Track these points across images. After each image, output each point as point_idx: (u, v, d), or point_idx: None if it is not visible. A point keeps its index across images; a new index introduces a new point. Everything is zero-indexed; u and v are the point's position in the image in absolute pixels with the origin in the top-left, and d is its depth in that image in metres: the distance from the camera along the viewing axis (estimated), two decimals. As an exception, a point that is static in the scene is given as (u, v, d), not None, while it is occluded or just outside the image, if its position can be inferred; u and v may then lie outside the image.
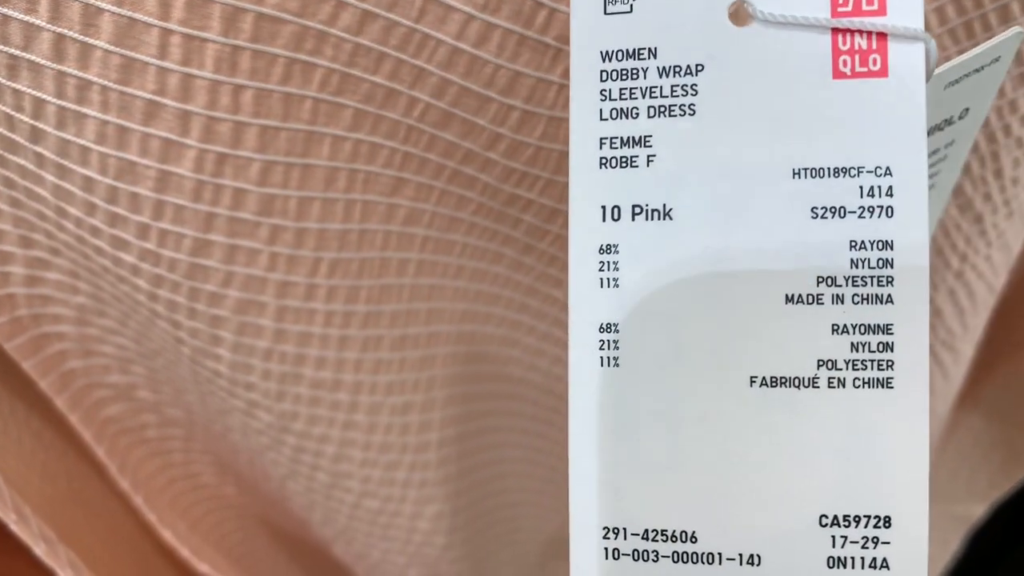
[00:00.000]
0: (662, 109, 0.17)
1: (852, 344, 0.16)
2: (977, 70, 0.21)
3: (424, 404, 0.28)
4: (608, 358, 0.17)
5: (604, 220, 0.17)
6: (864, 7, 0.16)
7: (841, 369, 0.16)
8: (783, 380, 0.17)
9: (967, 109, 0.22)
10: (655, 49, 0.17)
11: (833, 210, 0.16)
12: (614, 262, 0.17)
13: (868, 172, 0.16)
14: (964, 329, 0.34)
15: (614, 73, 0.17)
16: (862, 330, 0.16)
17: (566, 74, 0.23)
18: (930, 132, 0.21)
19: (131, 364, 0.28)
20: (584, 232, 0.17)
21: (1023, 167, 0.28)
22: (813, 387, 0.16)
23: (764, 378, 0.17)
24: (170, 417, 0.31)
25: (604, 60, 0.17)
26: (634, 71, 0.17)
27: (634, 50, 0.17)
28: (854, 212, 0.16)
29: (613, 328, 0.17)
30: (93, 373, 0.28)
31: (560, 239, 0.27)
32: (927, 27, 0.24)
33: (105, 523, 0.32)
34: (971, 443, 0.46)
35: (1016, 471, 0.46)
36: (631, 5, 0.17)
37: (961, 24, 0.24)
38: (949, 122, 0.22)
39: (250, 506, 0.35)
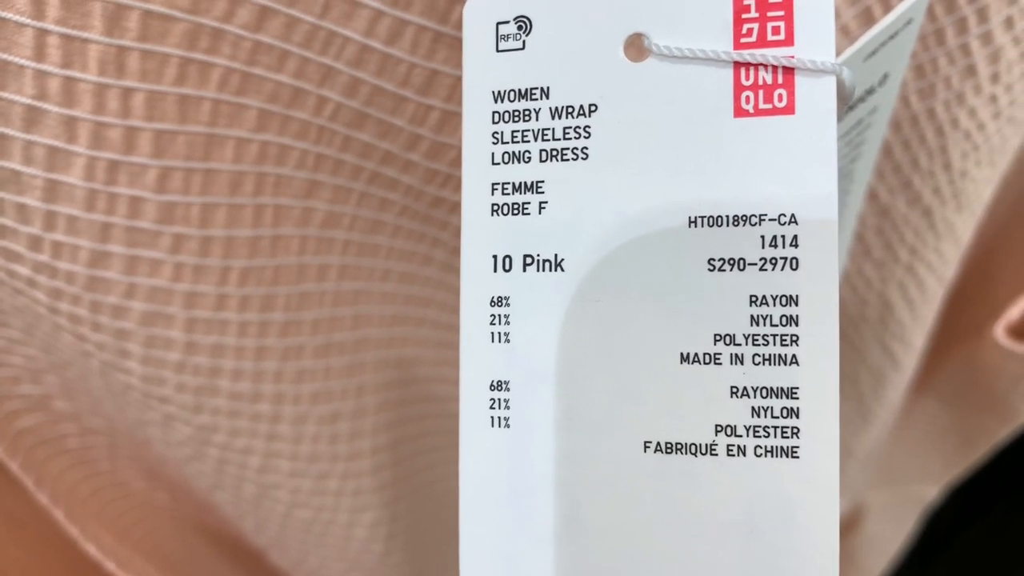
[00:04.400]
0: (554, 153, 0.16)
1: (753, 409, 0.15)
2: (892, 36, 0.19)
3: (354, 412, 0.27)
4: (499, 418, 0.16)
5: (495, 270, 0.16)
6: (770, 37, 0.15)
7: (741, 436, 0.15)
8: (679, 446, 0.15)
9: (886, 75, 0.21)
10: (547, 89, 0.16)
11: (732, 261, 0.15)
12: (505, 315, 0.16)
13: (771, 220, 0.15)
14: (915, 320, 0.34)
15: (506, 114, 0.16)
16: (764, 393, 0.15)
17: (487, 71, 0.21)
18: (852, 105, 0.20)
19: (43, 374, 0.27)
20: (475, 283, 0.16)
21: (971, 160, 0.27)
22: (711, 454, 0.15)
23: (659, 443, 0.15)
24: (91, 426, 0.29)
25: (496, 100, 0.16)
26: (526, 112, 0.16)
27: (526, 90, 0.16)
28: (755, 264, 0.15)
29: (504, 386, 0.16)
30: (2, 385, 0.27)
31: (490, 241, 0.26)
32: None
33: (32, 533, 0.31)
34: (925, 427, 0.45)
35: (969, 454, 0.46)
36: (524, 42, 0.16)
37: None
38: (871, 91, 0.21)
39: (184, 511, 0.34)
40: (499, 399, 0.16)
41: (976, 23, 0.24)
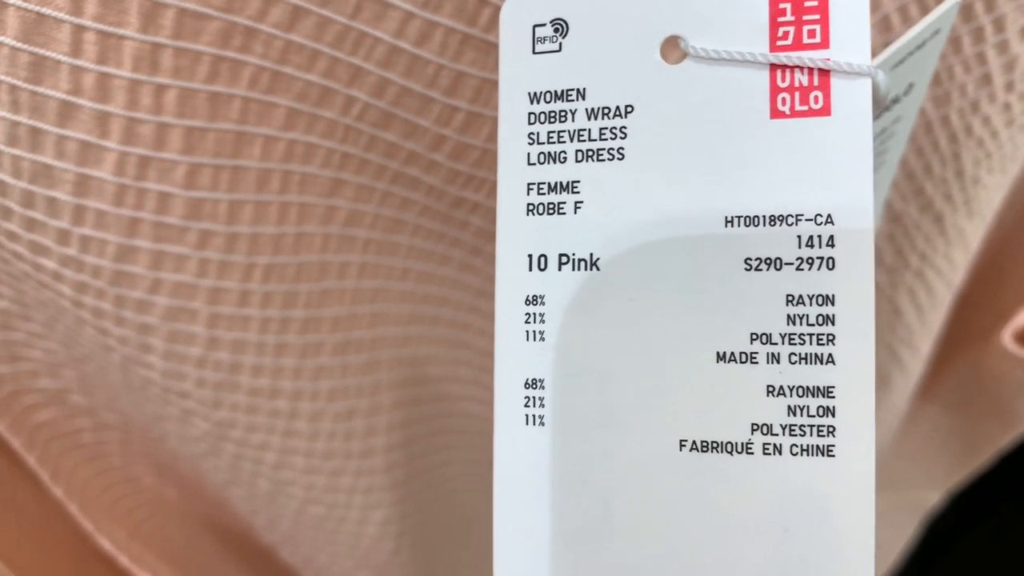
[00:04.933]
0: (590, 153, 0.16)
1: (789, 408, 0.15)
2: (920, 46, 0.20)
3: (369, 409, 0.27)
4: (534, 416, 0.16)
5: (531, 269, 0.16)
6: (805, 40, 0.15)
7: (777, 435, 0.15)
8: (715, 445, 0.15)
9: (911, 84, 0.21)
10: (584, 90, 0.16)
11: (768, 261, 0.15)
12: (540, 314, 0.16)
13: (807, 220, 0.15)
14: (923, 326, 0.34)
15: (542, 115, 0.16)
16: (800, 392, 0.15)
17: (513, 73, 0.22)
18: (877, 115, 0.20)
19: (61, 368, 0.27)
20: (510, 282, 0.16)
21: (983, 167, 0.28)
22: (747, 453, 0.15)
23: (695, 442, 0.15)
24: (105, 421, 0.30)
25: (532, 102, 0.16)
26: (562, 113, 0.16)
27: (562, 91, 0.16)
28: (791, 264, 0.15)
29: (539, 384, 0.16)
30: (21, 378, 0.27)
31: (509, 241, 0.26)
32: (879, 5, 0.23)
33: (41, 528, 0.31)
34: (929, 433, 0.46)
35: (972, 460, 0.46)
36: (560, 44, 0.16)
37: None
38: (896, 101, 0.21)
39: (193, 508, 0.34)
40: (534, 397, 0.16)
41: (993, 32, 0.24)
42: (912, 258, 0.30)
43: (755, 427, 0.15)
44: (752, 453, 0.15)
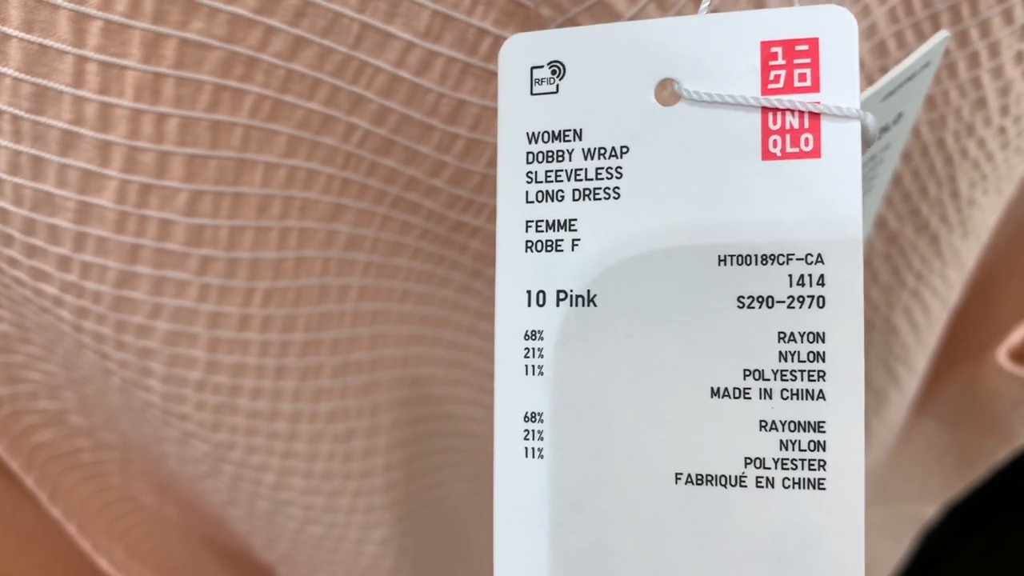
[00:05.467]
0: (587, 192, 0.16)
1: (781, 442, 0.15)
2: (910, 78, 0.20)
3: (368, 430, 0.27)
4: (533, 449, 0.17)
5: (529, 305, 0.17)
6: (796, 84, 0.15)
7: (770, 468, 0.15)
8: (709, 478, 0.16)
9: (901, 114, 0.21)
10: (580, 131, 0.16)
11: (761, 299, 0.15)
12: (539, 349, 0.17)
13: (798, 259, 0.15)
14: (919, 344, 0.34)
15: (540, 155, 0.17)
16: (792, 427, 0.15)
17: (513, 100, 0.22)
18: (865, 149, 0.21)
19: (60, 390, 0.27)
20: (510, 316, 0.17)
21: (979, 188, 0.28)
22: (741, 486, 0.15)
23: (690, 475, 0.16)
24: (105, 441, 0.30)
25: (530, 142, 0.17)
26: (560, 153, 0.16)
27: (560, 131, 0.16)
28: (783, 302, 0.15)
29: (538, 417, 0.17)
30: (20, 400, 0.27)
31: (508, 264, 0.26)
32: (875, 31, 0.23)
33: (40, 548, 0.31)
34: (925, 447, 0.46)
35: (968, 473, 0.46)
36: (557, 86, 0.16)
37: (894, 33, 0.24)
38: (885, 129, 0.22)
39: (193, 526, 0.34)
40: (533, 430, 0.17)
41: (988, 57, 0.24)
42: (908, 277, 0.31)
43: (748, 461, 0.15)
44: (745, 486, 0.15)
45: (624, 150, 0.16)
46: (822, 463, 0.15)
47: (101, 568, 0.31)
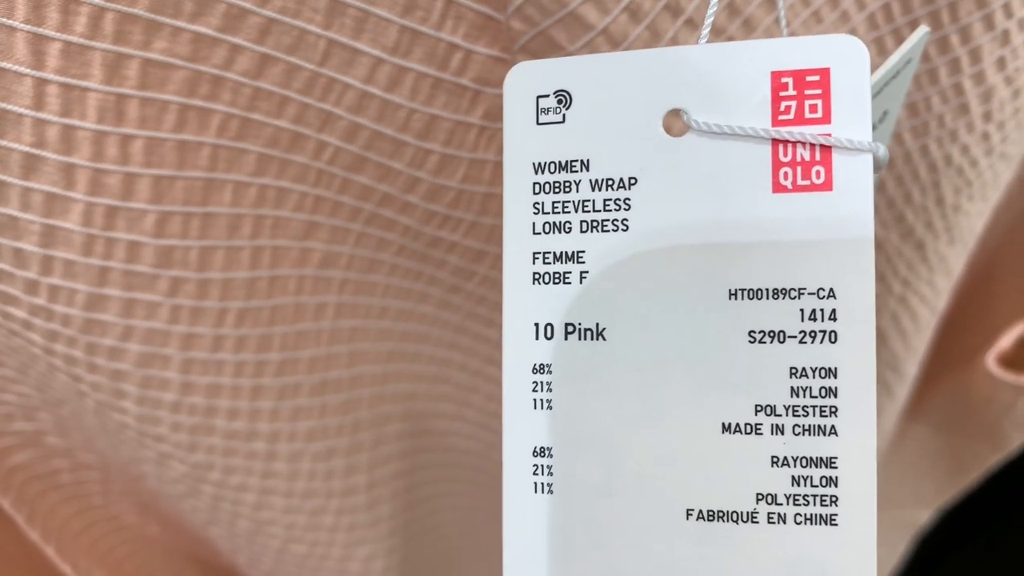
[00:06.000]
0: (595, 224, 0.16)
1: (793, 478, 0.15)
2: (894, 76, 0.20)
3: (350, 448, 0.27)
4: (542, 484, 0.16)
5: (537, 338, 0.16)
6: (807, 115, 0.15)
7: (781, 504, 0.15)
8: (721, 514, 0.15)
9: (886, 112, 0.21)
10: (587, 161, 0.16)
11: (772, 334, 0.15)
12: (547, 383, 0.16)
13: (810, 294, 0.15)
14: (908, 350, 0.34)
15: (547, 186, 0.16)
16: (804, 463, 0.15)
17: (487, 116, 0.21)
18: None
19: (36, 411, 0.27)
20: (517, 350, 0.16)
21: (964, 195, 0.28)
22: (752, 522, 0.15)
23: (701, 511, 0.16)
24: (84, 461, 0.29)
25: (537, 172, 0.16)
26: (567, 184, 0.16)
27: (567, 162, 0.16)
28: (794, 337, 0.15)
29: (547, 452, 0.16)
30: (-5, 422, 0.26)
31: (487, 280, 0.26)
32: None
33: (23, 569, 0.31)
34: (918, 453, 0.46)
35: (961, 478, 0.46)
36: (564, 115, 0.16)
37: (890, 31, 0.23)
38: (872, 128, 0.21)
39: (176, 544, 0.34)
40: (542, 465, 0.16)
41: (969, 63, 0.24)
42: (895, 284, 0.30)
43: (760, 497, 0.15)
44: (757, 522, 0.15)
45: (632, 181, 0.16)
46: (834, 499, 0.15)
47: (82, 590, 0.30)
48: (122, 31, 0.17)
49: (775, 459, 0.15)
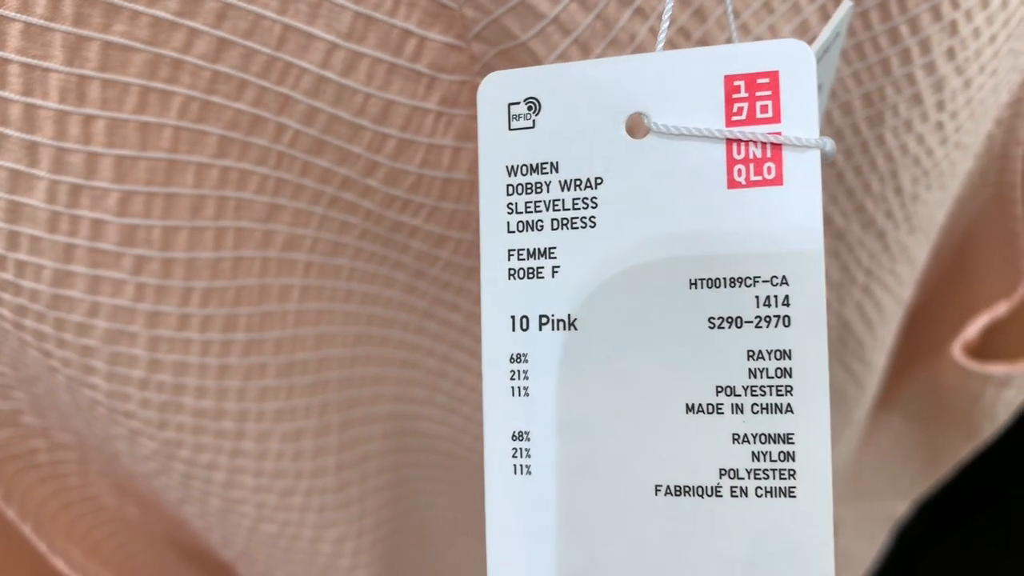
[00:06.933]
0: (564, 222, 0.17)
1: (753, 453, 0.16)
2: (826, 51, 0.21)
3: (318, 429, 0.28)
4: (520, 466, 0.18)
5: (514, 330, 0.18)
6: (758, 115, 0.16)
7: (743, 478, 0.16)
8: (687, 489, 0.17)
9: (820, 85, 0.22)
10: (557, 163, 0.17)
11: (730, 320, 0.16)
12: (524, 371, 0.17)
13: (764, 281, 0.16)
14: (874, 340, 0.34)
15: (519, 187, 0.17)
16: (763, 439, 0.16)
17: (443, 102, 0.22)
18: None
19: (11, 390, 0.27)
20: (495, 341, 0.18)
21: (922, 184, 0.28)
22: (716, 496, 0.16)
23: (669, 487, 0.17)
24: (61, 441, 0.30)
25: (510, 175, 0.17)
26: (538, 185, 0.17)
27: (537, 164, 0.17)
28: (751, 322, 0.16)
29: (525, 436, 0.17)
30: (-30, 401, 0.27)
31: (451, 265, 0.26)
32: (807, 28, 0.23)
33: (0, 547, 0.31)
34: (893, 444, 0.46)
35: (936, 470, 0.46)
36: (533, 121, 0.17)
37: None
38: None
39: (154, 526, 0.35)
40: (521, 448, 0.18)
41: (919, 54, 0.24)
42: (858, 274, 0.31)
43: (723, 472, 0.16)
44: (721, 496, 0.16)
45: (598, 181, 0.17)
46: (792, 472, 0.16)
47: (57, 569, 0.31)
48: (81, 13, 0.18)
49: (736, 436, 0.16)
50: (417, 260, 0.26)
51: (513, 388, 0.18)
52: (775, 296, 0.16)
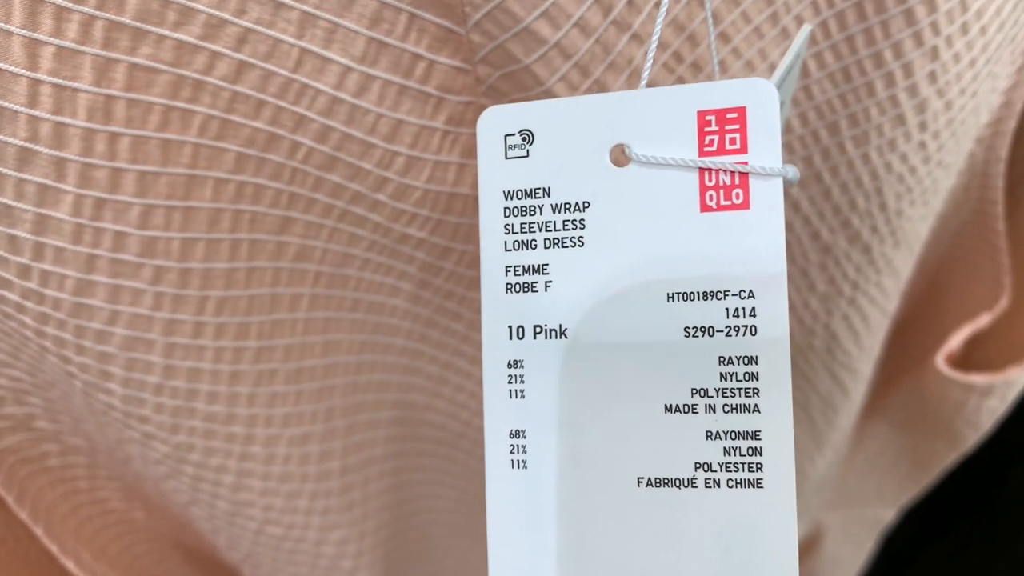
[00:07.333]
0: (556, 241, 0.19)
1: (724, 448, 0.18)
2: (789, 71, 0.23)
3: (324, 434, 0.29)
4: (517, 461, 0.19)
5: (511, 338, 0.19)
6: (728, 147, 0.18)
7: (716, 471, 0.18)
8: (666, 481, 0.18)
9: (783, 103, 0.24)
10: (549, 189, 0.19)
11: (703, 329, 0.18)
12: (520, 375, 0.19)
13: (733, 295, 0.18)
14: (860, 350, 0.35)
15: (516, 209, 0.19)
16: (733, 436, 0.18)
17: (449, 121, 0.23)
18: None
19: (27, 395, 0.28)
20: (495, 349, 0.20)
21: (905, 200, 0.29)
22: (692, 487, 0.18)
23: (649, 479, 0.19)
24: (72, 445, 0.31)
25: (507, 199, 0.19)
26: (532, 208, 0.19)
27: (531, 189, 0.19)
28: (722, 331, 0.18)
29: (521, 434, 0.19)
30: (-13, 405, 0.28)
31: (454, 276, 0.27)
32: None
33: (8, 549, 0.32)
34: (879, 451, 0.47)
35: (921, 477, 0.47)
36: (528, 151, 0.19)
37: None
38: None
39: (161, 529, 0.35)
40: (518, 445, 0.20)
41: (903, 77, 0.26)
42: (844, 286, 0.32)
43: (697, 465, 0.18)
44: (696, 487, 0.18)
45: (586, 205, 0.19)
46: (759, 465, 0.18)
47: (67, 570, 0.32)
48: (110, 38, 0.19)
49: (709, 433, 0.18)
50: (422, 271, 0.27)
51: (511, 391, 0.19)
52: (743, 308, 0.18)
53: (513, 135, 0.19)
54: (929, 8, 0.24)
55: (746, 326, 0.18)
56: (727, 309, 0.18)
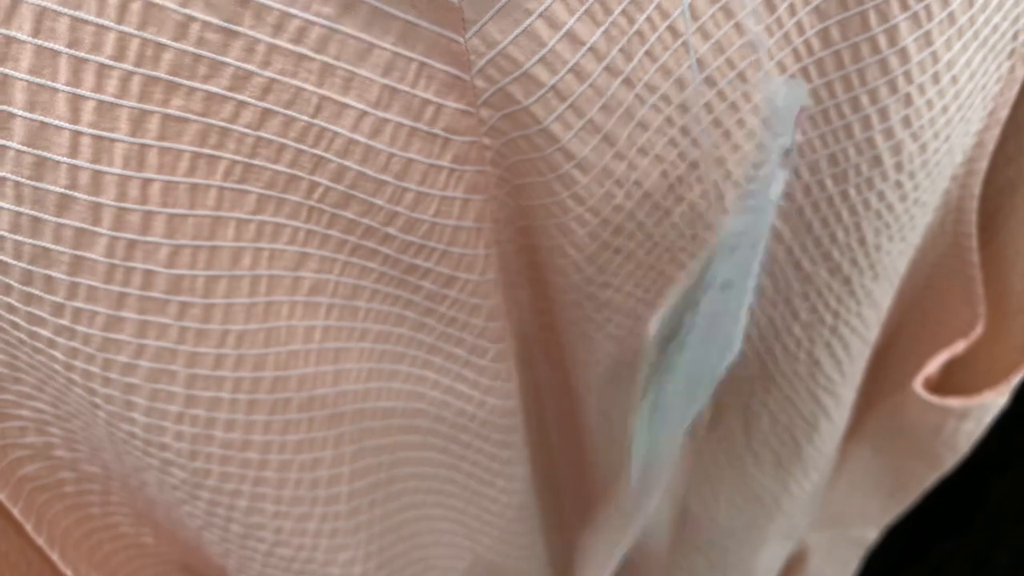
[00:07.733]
0: None
1: None
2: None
3: (333, 460, 0.30)
4: None
5: None
6: None
7: None
8: None
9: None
10: None
11: None
12: None
13: None
14: (843, 377, 0.37)
15: None
16: None
17: (455, 159, 0.25)
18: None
19: (48, 426, 0.29)
20: None
21: (884, 236, 0.31)
22: None
23: None
24: (87, 473, 0.32)
25: None
26: None
27: None
28: None
29: None
30: (9, 435, 0.29)
31: (457, 303, 0.29)
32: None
33: (22, 574, 0.33)
34: (861, 473, 0.49)
35: (903, 498, 0.49)
36: None
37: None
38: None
39: (169, 553, 0.36)
40: None
41: (879, 120, 0.27)
42: (826, 316, 0.34)
43: None
44: None
45: None
46: None
47: (82, 593, 0.33)
48: (146, 91, 0.21)
49: None
50: (427, 299, 0.28)
51: None
52: None
53: None
54: (902, 59, 0.26)
55: None
56: None
